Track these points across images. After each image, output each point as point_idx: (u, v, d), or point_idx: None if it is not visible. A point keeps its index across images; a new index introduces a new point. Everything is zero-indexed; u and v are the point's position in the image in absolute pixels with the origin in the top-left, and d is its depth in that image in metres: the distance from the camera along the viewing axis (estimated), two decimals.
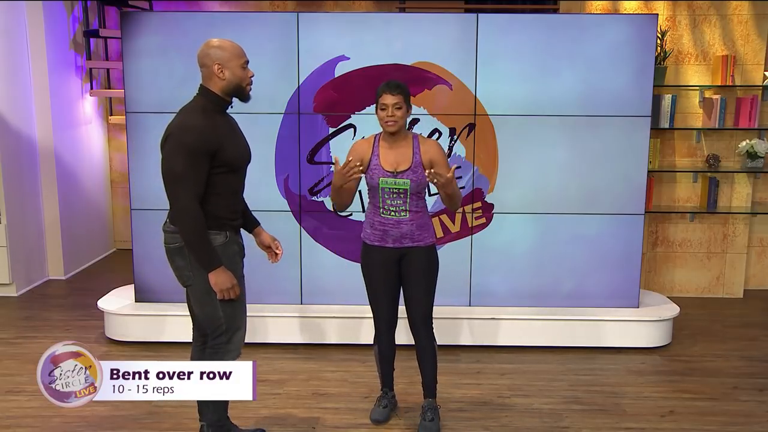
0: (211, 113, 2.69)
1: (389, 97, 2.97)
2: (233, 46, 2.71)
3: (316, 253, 4.36)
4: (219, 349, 2.79)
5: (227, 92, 2.72)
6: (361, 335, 4.25)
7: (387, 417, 3.36)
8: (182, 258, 2.72)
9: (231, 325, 2.79)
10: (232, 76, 2.69)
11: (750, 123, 5.10)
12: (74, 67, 5.97)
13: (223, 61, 2.67)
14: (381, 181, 3.03)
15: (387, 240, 3.11)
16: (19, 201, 5.33)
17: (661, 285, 5.44)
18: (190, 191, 2.59)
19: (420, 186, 3.03)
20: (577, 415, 3.45)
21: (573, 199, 4.30)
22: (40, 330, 4.57)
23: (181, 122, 2.65)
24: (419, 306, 3.14)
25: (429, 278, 3.13)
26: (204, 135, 2.61)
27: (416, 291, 3.13)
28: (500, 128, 4.23)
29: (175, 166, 2.59)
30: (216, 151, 2.63)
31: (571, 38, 4.16)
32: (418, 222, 3.07)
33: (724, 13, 5.12)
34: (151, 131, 4.24)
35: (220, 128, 2.68)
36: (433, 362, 3.21)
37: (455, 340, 4.24)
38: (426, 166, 3.00)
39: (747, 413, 3.50)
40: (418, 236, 3.09)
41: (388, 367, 3.36)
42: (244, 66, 2.73)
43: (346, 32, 4.17)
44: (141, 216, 4.32)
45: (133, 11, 5.75)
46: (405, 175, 3.00)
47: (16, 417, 3.37)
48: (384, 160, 3.04)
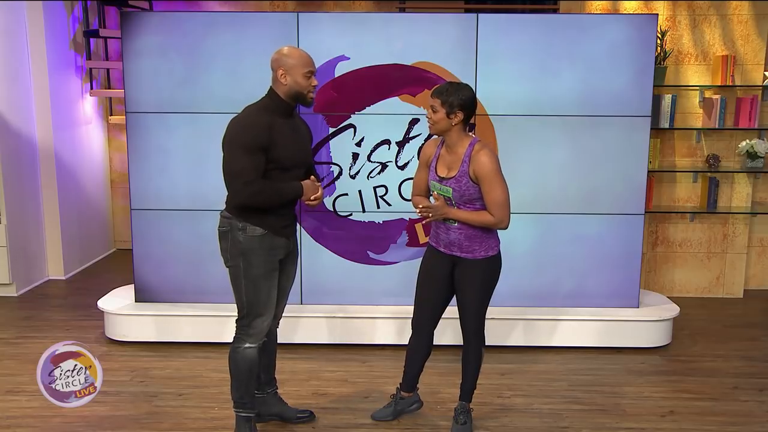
0: (271, 113, 2.89)
1: (429, 99, 2.95)
2: (301, 55, 2.91)
3: (316, 253, 4.36)
4: (242, 332, 3.01)
5: (289, 96, 2.91)
6: (362, 335, 4.25)
7: (386, 417, 3.35)
8: (225, 241, 2.96)
9: (251, 310, 2.98)
10: (293, 83, 2.88)
11: (750, 123, 5.10)
12: (74, 67, 5.97)
13: (287, 67, 2.87)
14: (431, 184, 3.06)
15: (440, 243, 3.11)
16: (19, 201, 5.33)
17: (661, 285, 5.44)
18: (240, 181, 2.81)
19: (463, 197, 2.96)
20: (577, 415, 3.45)
21: (573, 199, 4.30)
22: (40, 330, 4.57)
23: (238, 120, 2.88)
24: (468, 317, 3.12)
25: (478, 291, 3.08)
26: (255, 130, 2.81)
27: (465, 302, 3.11)
28: (500, 128, 4.23)
29: (228, 161, 2.84)
30: (268, 148, 2.83)
31: (571, 38, 4.16)
32: (467, 232, 3.01)
33: (724, 13, 5.12)
34: (151, 131, 4.25)
35: (275, 127, 2.86)
36: (476, 368, 3.19)
37: (455, 340, 4.22)
38: (472, 178, 2.93)
39: (747, 413, 3.50)
40: (467, 247, 3.03)
41: (410, 367, 3.31)
42: (308, 75, 2.90)
43: (346, 32, 4.17)
44: (141, 216, 4.32)
45: (133, 11, 5.75)
46: (449, 183, 2.97)
47: (16, 417, 3.37)
48: (440, 163, 3.04)
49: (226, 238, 2.95)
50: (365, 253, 4.36)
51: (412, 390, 3.38)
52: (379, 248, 4.34)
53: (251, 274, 2.92)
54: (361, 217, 4.34)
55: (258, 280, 2.94)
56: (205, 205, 4.21)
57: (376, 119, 4.22)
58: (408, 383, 3.35)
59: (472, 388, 3.23)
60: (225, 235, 2.96)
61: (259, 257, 2.92)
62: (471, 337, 3.15)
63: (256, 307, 2.97)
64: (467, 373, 3.21)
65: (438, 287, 3.15)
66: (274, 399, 3.33)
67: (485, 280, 3.09)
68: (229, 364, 3.04)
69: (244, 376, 3.02)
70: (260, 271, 2.93)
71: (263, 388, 3.30)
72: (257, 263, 2.92)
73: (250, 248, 2.91)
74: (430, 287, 3.17)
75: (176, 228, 4.31)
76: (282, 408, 3.34)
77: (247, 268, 2.92)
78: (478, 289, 3.08)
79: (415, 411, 3.41)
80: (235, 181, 2.83)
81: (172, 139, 4.24)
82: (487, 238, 3.05)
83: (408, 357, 3.30)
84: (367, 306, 4.35)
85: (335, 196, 4.32)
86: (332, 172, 4.30)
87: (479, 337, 3.15)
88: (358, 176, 4.30)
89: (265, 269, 2.94)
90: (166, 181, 4.27)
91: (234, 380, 3.05)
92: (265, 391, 3.30)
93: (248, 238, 2.90)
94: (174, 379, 3.82)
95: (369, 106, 4.22)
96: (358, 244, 4.36)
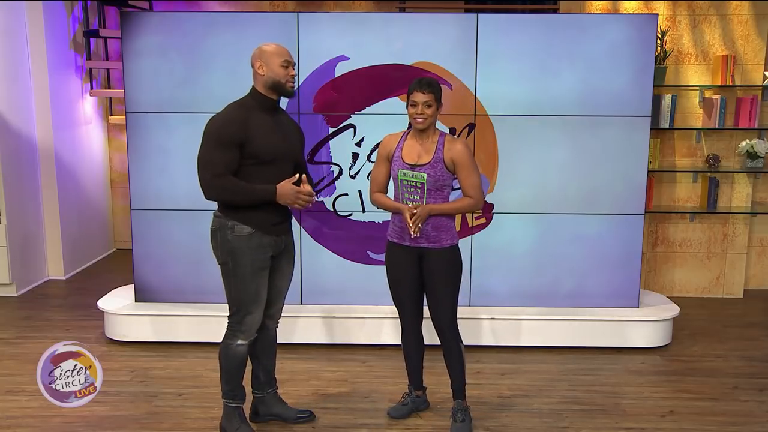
0: (250, 109, 2.94)
1: (420, 95, 2.98)
2: (277, 47, 2.97)
3: (316, 253, 4.36)
4: (233, 328, 3.07)
5: (268, 88, 2.95)
6: (362, 335, 4.25)
7: (404, 415, 3.36)
8: (215, 240, 3.02)
9: (242, 308, 3.03)
10: (271, 73, 2.93)
11: (750, 123, 5.10)
12: (74, 67, 5.97)
13: (264, 59, 2.94)
14: (400, 172, 3.07)
15: (404, 238, 3.12)
16: (19, 201, 5.33)
17: (661, 285, 5.44)
18: (209, 172, 2.86)
19: (437, 183, 3.02)
20: (577, 415, 3.45)
21: (573, 199, 4.30)
22: (40, 330, 4.57)
23: (215, 115, 2.94)
24: (440, 309, 3.13)
25: (449, 281, 3.11)
26: (230, 126, 2.86)
27: (436, 294, 3.12)
28: (500, 128, 4.23)
29: (201, 153, 2.90)
30: (243, 143, 2.86)
31: (571, 38, 4.16)
32: (435, 222, 3.05)
33: (724, 13, 5.12)
34: (151, 131, 4.25)
35: (253, 122, 2.90)
36: (459, 364, 3.20)
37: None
38: (447, 165, 3.02)
39: (747, 413, 3.50)
40: (434, 237, 3.07)
41: (411, 365, 3.35)
42: (285, 65, 2.95)
43: (346, 32, 4.17)
44: (141, 216, 4.32)
45: (133, 11, 5.76)
46: (423, 169, 3.01)
47: (16, 417, 3.37)
48: (406, 153, 3.08)
49: (216, 237, 3.00)
50: (365, 253, 4.37)
51: (420, 387, 3.42)
52: (379, 248, 4.34)
53: (240, 272, 2.97)
54: (361, 217, 4.34)
55: (246, 279, 2.98)
56: (205, 205, 4.12)
57: (376, 119, 4.22)
58: (415, 381, 3.39)
59: (461, 385, 3.23)
60: (215, 234, 3.01)
61: (247, 256, 2.96)
62: (446, 333, 3.15)
63: (245, 305, 3.02)
64: (452, 371, 3.22)
65: (412, 282, 3.17)
66: (274, 399, 3.34)
67: (453, 268, 3.12)
68: (220, 359, 3.10)
69: (235, 371, 3.10)
70: (248, 270, 2.97)
71: (263, 388, 3.31)
72: (245, 262, 2.96)
73: (238, 247, 2.95)
74: (404, 285, 3.18)
75: (176, 228, 4.31)
76: (282, 408, 3.34)
77: (236, 267, 2.97)
78: (448, 279, 3.11)
79: (424, 410, 3.44)
80: (204, 173, 2.87)
81: (172, 139, 4.24)
82: (451, 228, 3.11)
83: (406, 355, 3.35)
84: (367, 306, 4.35)
85: (335, 196, 4.32)
86: (332, 172, 4.30)
87: (454, 331, 3.16)
88: (358, 176, 4.30)
89: (253, 268, 2.98)
90: (166, 181, 4.27)
91: (224, 373, 3.11)
92: (264, 391, 3.32)
93: (236, 238, 2.95)
94: (174, 379, 3.82)
95: (369, 106, 4.22)
96: (358, 244, 4.36)
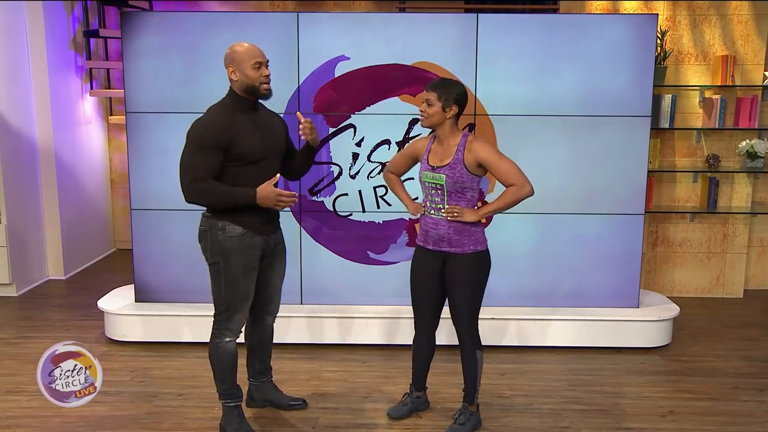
0: (231, 110, 2.91)
1: (423, 93, 3.01)
2: (247, 48, 2.90)
3: (316, 253, 4.36)
4: (221, 325, 3.06)
5: (243, 91, 2.93)
6: (362, 335, 4.25)
7: (404, 415, 3.37)
8: (205, 240, 3.02)
9: (230, 307, 3.03)
10: (243, 77, 2.89)
11: (750, 123, 5.10)
12: (74, 67, 5.97)
13: (235, 63, 2.89)
14: (423, 174, 3.09)
15: (428, 241, 3.11)
16: (19, 201, 5.33)
17: (661, 285, 5.44)
18: (189, 176, 2.85)
19: (456, 185, 2.98)
20: (577, 415, 3.45)
21: (573, 199, 4.31)
22: (40, 330, 4.57)
23: (198, 119, 2.92)
24: (457, 314, 3.12)
25: (467, 286, 3.07)
26: (213, 130, 2.84)
27: (454, 298, 3.11)
28: (500, 128, 4.23)
29: (183, 157, 2.88)
30: (228, 146, 2.85)
31: (571, 38, 4.16)
32: (457, 226, 3.02)
33: (724, 13, 5.12)
34: (151, 131, 4.25)
35: (237, 123, 2.88)
36: (472, 370, 3.18)
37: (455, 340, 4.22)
38: (469, 167, 2.97)
39: (747, 413, 3.50)
40: (456, 241, 3.04)
41: (418, 366, 3.35)
42: (256, 66, 2.90)
43: (346, 32, 4.17)
44: (141, 216, 4.32)
45: (133, 11, 5.75)
46: (442, 171, 3.00)
47: (16, 417, 3.37)
48: (431, 156, 3.08)
49: (206, 238, 3.00)
50: (365, 253, 4.37)
51: (422, 389, 3.42)
52: (379, 248, 4.35)
53: (231, 272, 2.98)
54: (361, 217, 4.34)
55: (237, 279, 2.99)
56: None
57: (376, 119, 4.23)
58: (418, 382, 3.39)
59: (472, 390, 3.23)
60: (204, 235, 3.01)
61: (239, 257, 2.97)
62: (465, 340, 3.15)
63: (234, 304, 3.03)
64: (466, 376, 3.21)
65: (431, 287, 3.16)
66: (268, 386, 3.43)
67: (475, 275, 3.07)
68: (211, 360, 3.10)
69: (228, 370, 3.10)
70: (240, 271, 2.98)
71: (258, 377, 3.39)
72: (236, 263, 2.97)
73: (229, 248, 2.96)
74: (424, 288, 3.17)
75: (176, 228, 4.31)
76: (276, 395, 3.43)
77: (227, 267, 2.98)
78: (468, 286, 3.07)
79: (424, 410, 3.44)
80: (184, 176, 2.86)
81: (172, 139, 4.23)
82: (475, 232, 3.06)
83: (414, 356, 3.34)
84: (367, 306, 4.35)
85: (335, 196, 4.32)
86: (332, 172, 4.30)
87: (474, 340, 3.14)
88: (358, 176, 4.30)
89: (244, 268, 2.99)
90: (166, 181, 4.26)
91: (217, 374, 3.10)
92: (259, 380, 3.40)
93: (227, 238, 2.95)
94: (174, 379, 3.82)
95: (369, 106, 4.22)
96: (358, 244, 4.36)
